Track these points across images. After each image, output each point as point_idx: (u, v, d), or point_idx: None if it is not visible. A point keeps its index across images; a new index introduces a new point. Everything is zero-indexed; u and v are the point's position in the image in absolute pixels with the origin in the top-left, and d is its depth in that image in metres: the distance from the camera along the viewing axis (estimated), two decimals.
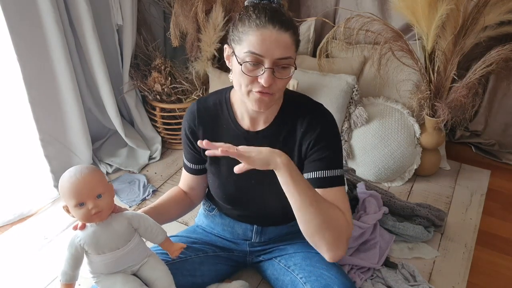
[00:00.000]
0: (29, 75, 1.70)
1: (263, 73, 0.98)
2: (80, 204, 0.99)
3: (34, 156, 1.85)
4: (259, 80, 0.99)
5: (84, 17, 1.81)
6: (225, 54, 1.08)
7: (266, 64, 0.97)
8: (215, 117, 1.18)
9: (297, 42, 1.02)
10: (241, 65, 0.99)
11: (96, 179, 1.02)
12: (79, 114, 1.91)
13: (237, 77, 1.02)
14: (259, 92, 1.00)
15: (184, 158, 1.28)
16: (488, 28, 1.73)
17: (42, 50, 1.73)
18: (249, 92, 1.02)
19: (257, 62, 0.98)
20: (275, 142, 1.14)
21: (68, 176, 1.01)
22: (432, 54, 1.77)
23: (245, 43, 0.98)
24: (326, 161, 1.11)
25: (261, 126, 1.15)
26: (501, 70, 1.75)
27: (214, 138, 1.18)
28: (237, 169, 1.00)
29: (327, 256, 1.06)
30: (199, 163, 1.25)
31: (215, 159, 1.20)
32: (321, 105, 1.16)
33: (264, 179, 1.17)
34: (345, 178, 1.65)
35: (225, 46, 1.07)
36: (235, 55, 1.01)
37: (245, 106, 1.11)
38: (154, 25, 2.31)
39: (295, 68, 1.03)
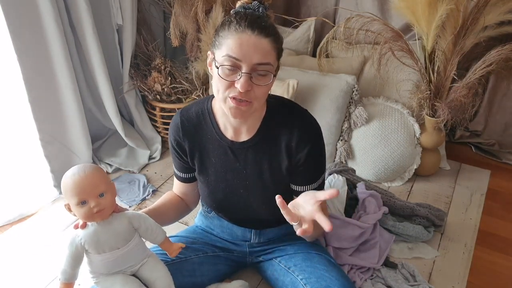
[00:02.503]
0: (29, 75, 1.70)
1: (240, 77, 0.96)
2: (82, 202, 0.99)
3: (34, 156, 1.85)
4: (235, 85, 0.96)
5: (84, 17, 1.80)
6: (207, 61, 1.06)
7: (244, 69, 0.95)
8: (198, 128, 1.17)
9: (278, 50, 1.00)
10: (218, 67, 0.97)
11: (99, 178, 1.02)
12: (79, 114, 1.91)
13: (215, 83, 1.00)
14: (236, 99, 0.98)
15: (174, 167, 1.29)
16: (488, 28, 1.73)
17: (42, 50, 1.73)
18: (225, 98, 1.00)
19: (234, 66, 0.96)
20: (260, 152, 1.14)
21: (71, 174, 1.01)
22: (432, 54, 1.77)
23: (224, 47, 0.96)
24: (313, 175, 1.16)
25: (245, 136, 1.14)
26: (501, 70, 1.75)
27: (200, 148, 1.18)
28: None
29: None
30: (189, 171, 1.26)
31: (203, 169, 1.20)
32: (306, 112, 1.15)
33: (253, 187, 1.17)
34: (345, 178, 1.66)
35: (208, 52, 1.05)
36: (215, 60, 1.00)
37: (227, 116, 1.09)
38: (154, 25, 2.31)
39: (275, 76, 1.01)
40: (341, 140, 1.96)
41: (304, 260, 1.22)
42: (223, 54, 0.96)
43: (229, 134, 1.14)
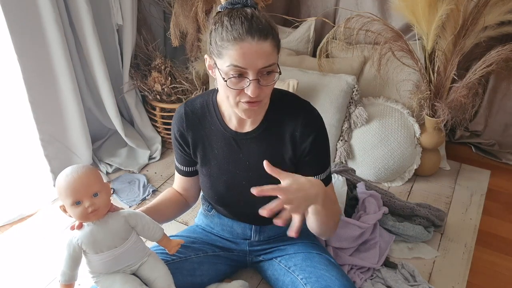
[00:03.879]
0: (29, 75, 1.70)
1: (249, 85, 0.97)
2: (77, 203, 1.00)
3: (34, 156, 1.85)
4: (246, 91, 0.98)
5: (84, 17, 1.81)
6: (206, 64, 1.07)
7: (251, 76, 0.96)
8: (203, 119, 1.18)
9: (277, 45, 1.00)
10: (226, 80, 0.98)
11: (93, 178, 1.02)
12: (79, 114, 1.91)
13: (223, 90, 1.02)
14: (248, 102, 1.00)
15: (175, 160, 1.29)
16: (488, 28, 1.73)
17: (42, 50, 1.73)
18: (237, 103, 1.02)
19: (241, 74, 0.97)
20: (264, 143, 1.15)
21: (65, 175, 1.01)
22: (432, 54, 1.77)
23: (226, 57, 0.96)
24: (321, 165, 1.16)
25: (249, 127, 1.15)
26: (501, 70, 1.75)
27: (203, 140, 1.18)
28: (257, 190, 0.92)
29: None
30: (190, 165, 1.26)
31: (205, 161, 1.20)
32: (308, 103, 1.16)
33: (255, 179, 1.17)
34: (345, 178, 1.66)
35: (205, 56, 1.06)
36: (218, 69, 1.00)
37: (231, 107, 1.10)
38: (154, 25, 2.31)
39: (279, 72, 1.02)
40: (341, 140, 1.96)
41: (304, 260, 1.22)
42: (227, 64, 0.96)
43: (233, 125, 1.15)
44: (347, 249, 1.47)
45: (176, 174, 1.31)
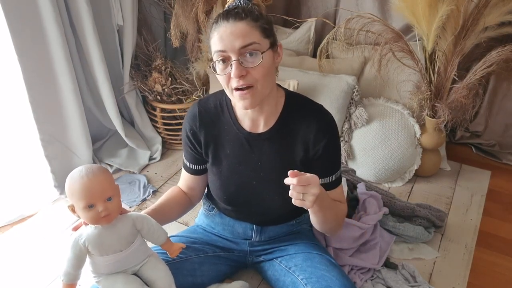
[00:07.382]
0: (30, 75, 1.70)
1: (232, 67, 1.00)
2: (90, 206, 0.97)
3: (34, 156, 1.85)
4: (232, 75, 1.00)
5: (84, 17, 1.81)
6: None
7: (232, 58, 0.99)
8: (216, 119, 1.18)
9: (261, 28, 1.02)
10: (215, 68, 1.02)
11: (108, 181, 1.00)
12: (79, 114, 1.91)
13: (220, 81, 1.05)
14: (238, 89, 1.02)
15: (184, 158, 1.28)
16: (488, 28, 1.73)
17: (42, 50, 1.73)
18: (231, 92, 1.04)
19: (224, 58, 1.00)
20: (277, 144, 1.15)
21: (79, 176, 0.98)
22: (433, 55, 1.77)
23: (212, 46, 1.03)
24: (331, 167, 1.17)
25: (262, 128, 1.15)
26: (502, 71, 1.75)
27: (215, 139, 1.18)
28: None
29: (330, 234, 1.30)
30: (199, 163, 1.25)
31: (216, 160, 1.20)
32: (322, 106, 1.18)
33: (266, 180, 1.17)
34: (345, 179, 1.66)
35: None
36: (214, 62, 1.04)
37: None
38: (154, 25, 2.31)
39: (274, 50, 1.04)
40: (342, 140, 1.96)
41: (304, 260, 1.22)
42: (213, 52, 1.03)
43: (246, 125, 1.16)
44: (348, 250, 1.47)
45: (183, 172, 1.31)
